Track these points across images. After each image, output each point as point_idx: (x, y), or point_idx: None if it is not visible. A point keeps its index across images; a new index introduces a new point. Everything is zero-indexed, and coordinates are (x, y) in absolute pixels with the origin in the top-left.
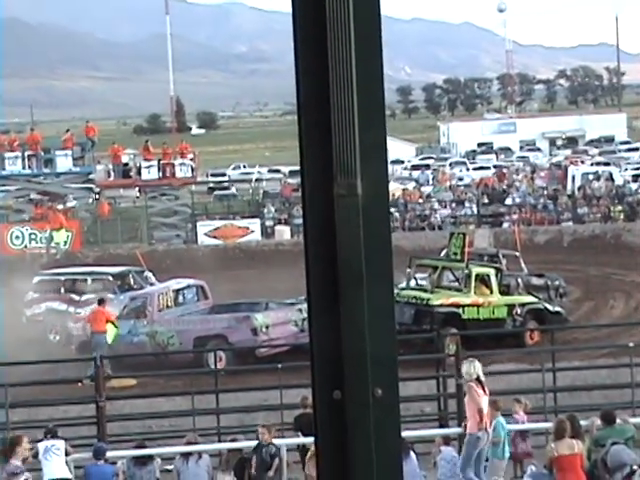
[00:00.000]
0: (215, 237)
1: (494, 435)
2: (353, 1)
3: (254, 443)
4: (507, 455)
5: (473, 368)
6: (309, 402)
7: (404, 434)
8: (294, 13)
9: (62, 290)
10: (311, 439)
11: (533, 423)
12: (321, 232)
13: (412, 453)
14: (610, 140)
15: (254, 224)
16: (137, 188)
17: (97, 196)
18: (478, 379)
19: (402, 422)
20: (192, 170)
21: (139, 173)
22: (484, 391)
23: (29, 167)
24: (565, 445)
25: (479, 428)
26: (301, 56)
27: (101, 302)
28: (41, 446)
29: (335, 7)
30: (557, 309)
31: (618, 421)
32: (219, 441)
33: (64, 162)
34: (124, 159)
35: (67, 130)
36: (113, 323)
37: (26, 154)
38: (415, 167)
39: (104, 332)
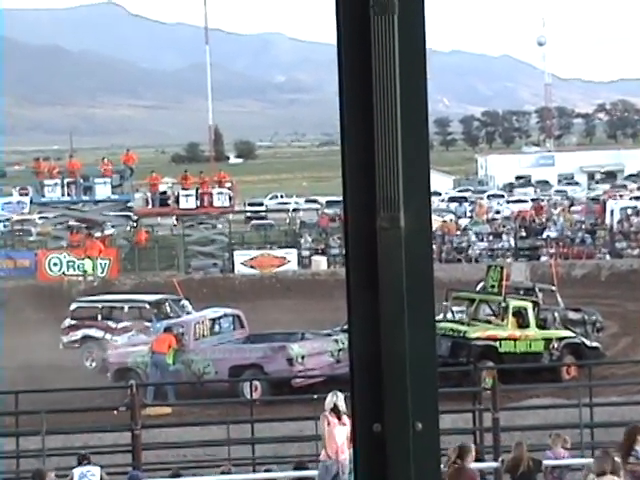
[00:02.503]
0: (252, 266)
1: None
2: (399, 35)
3: (288, 474)
4: None
5: (333, 398)
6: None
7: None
8: (339, 46)
9: (99, 317)
10: None
11: (570, 459)
12: (363, 264)
13: None
14: None
15: (291, 254)
16: (175, 216)
17: (135, 224)
18: (335, 409)
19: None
20: (230, 199)
21: (177, 201)
22: (339, 421)
23: (68, 194)
24: None
25: (329, 457)
26: (345, 88)
27: (167, 329)
28: (76, 472)
29: (380, 41)
30: (594, 344)
31: None
32: (254, 471)
33: (103, 190)
34: (162, 187)
35: (103, 158)
36: (175, 349)
37: (65, 181)
38: (452, 199)
39: (165, 354)
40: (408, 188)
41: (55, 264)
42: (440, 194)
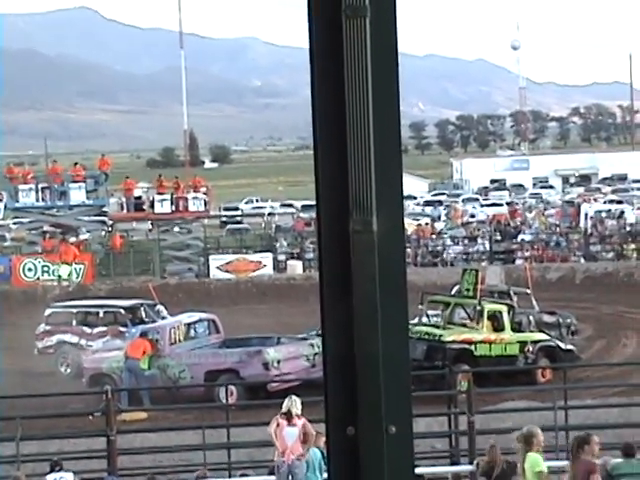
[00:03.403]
0: (227, 271)
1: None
2: (371, 38)
3: (264, 478)
4: None
5: (288, 402)
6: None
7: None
8: (311, 49)
9: (74, 322)
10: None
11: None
12: (336, 268)
13: None
14: (623, 178)
15: (266, 258)
16: (150, 221)
17: (110, 229)
18: (287, 413)
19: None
20: (205, 204)
21: (152, 206)
22: (289, 422)
23: (42, 199)
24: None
25: (279, 456)
26: (317, 92)
27: (143, 335)
28: (49, 479)
29: (353, 44)
30: (569, 347)
31: (638, 457)
32: (229, 476)
33: (77, 195)
34: (137, 192)
35: (75, 164)
36: (150, 354)
37: (40, 186)
38: (428, 203)
39: (139, 359)
40: (381, 192)
41: (30, 269)
42: (415, 198)
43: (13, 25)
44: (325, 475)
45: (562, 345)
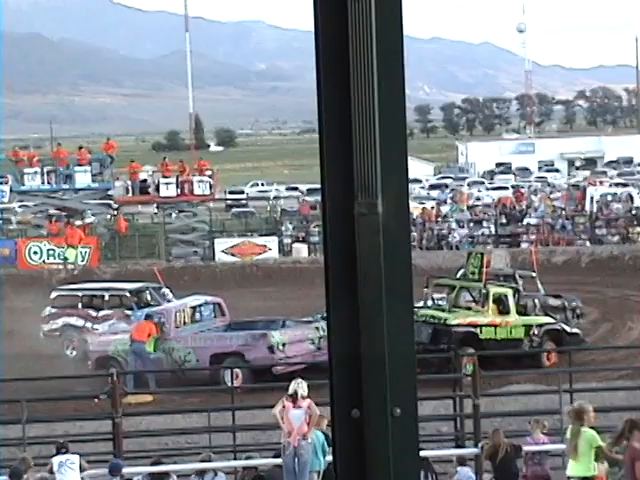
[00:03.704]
0: (232, 254)
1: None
2: (376, 23)
3: (269, 461)
4: (317, 467)
5: (294, 385)
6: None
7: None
8: (316, 33)
9: (79, 306)
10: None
11: (550, 445)
12: (341, 250)
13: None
14: (629, 162)
15: (272, 242)
16: (155, 205)
17: (115, 212)
18: (293, 395)
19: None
20: (210, 187)
21: (157, 190)
22: (294, 404)
23: (48, 182)
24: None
25: (285, 437)
26: (323, 75)
27: (148, 317)
28: (55, 461)
29: (358, 27)
30: (574, 330)
31: None
32: (235, 459)
33: (83, 178)
34: (142, 176)
35: (80, 147)
36: (155, 337)
37: (45, 170)
38: (433, 186)
39: (145, 342)
40: (386, 174)
41: (35, 252)
42: (421, 181)
43: (17, 9)
44: (328, 458)
45: (567, 328)
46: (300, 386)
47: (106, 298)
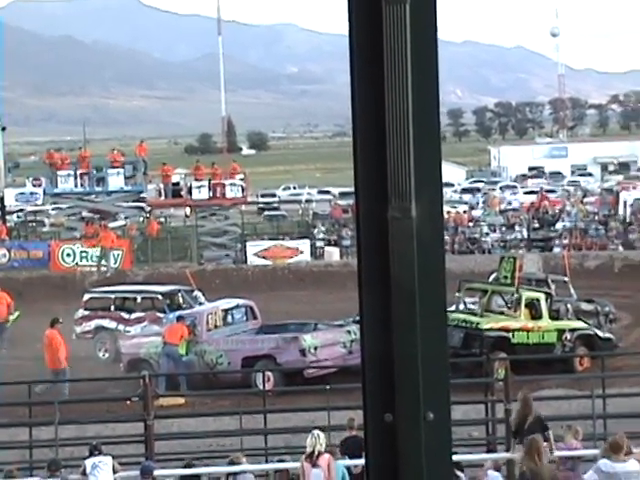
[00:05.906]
0: (264, 257)
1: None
2: (411, 25)
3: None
4: None
5: (311, 440)
6: (355, 424)
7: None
8: (351, 36)
9: (112, 308)
10: (357, 461)
11: (583, 450)
12: (374, 254)
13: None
14: None
15: (303, 245)
16: (187, 208)
17: (148, 215)
18: (311, 454)
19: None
20: (242, 190)
21: (190, 193)
22: (313, 465)
23: (81, 185)
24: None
25: None
26: (357, 79)
27: (180, 320)
28: (88, 463)
29: (392, 31)
30: (607, 335)
31: None
32: (266, 462)
33: (116, 181)
34: (175, 179)
35: (113, 150)
36: (187, 340)
37: (78, 172)
38: (465, 190)
39: (177, 344)
40: (420, 178)
41: (68, 255)
42: (453, 185)
43: (52, 12)
44: None
45: (600, 333)
46: (318, 441)
47: (138, 300)
